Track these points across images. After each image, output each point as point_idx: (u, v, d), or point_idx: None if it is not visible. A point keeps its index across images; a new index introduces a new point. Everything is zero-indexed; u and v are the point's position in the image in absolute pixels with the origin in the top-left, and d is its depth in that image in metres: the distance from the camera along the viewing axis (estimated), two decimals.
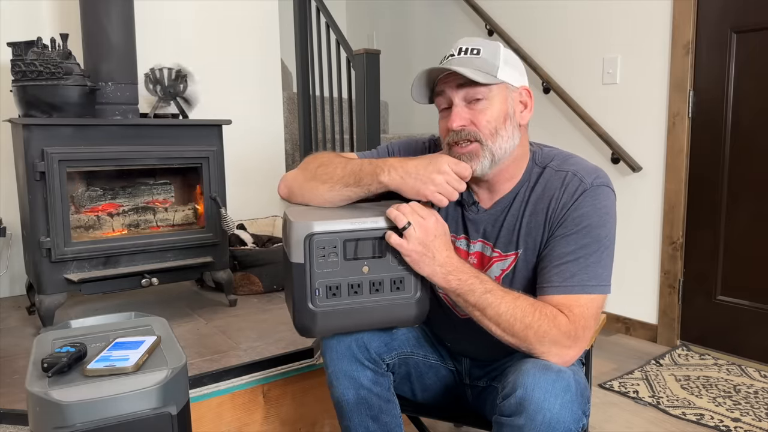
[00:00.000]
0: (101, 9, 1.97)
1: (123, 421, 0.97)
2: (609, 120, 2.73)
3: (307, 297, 1.07)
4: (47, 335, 1.19)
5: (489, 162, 1.11)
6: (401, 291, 1.09)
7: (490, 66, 1.10)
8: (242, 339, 1.85)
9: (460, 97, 1.11)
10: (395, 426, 1.25)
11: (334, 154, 1.27)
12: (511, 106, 1.12)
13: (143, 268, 1.97)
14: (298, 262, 1.06)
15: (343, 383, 1.22)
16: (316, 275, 1.07)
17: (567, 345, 1.03)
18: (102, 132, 1.91)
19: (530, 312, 1.03)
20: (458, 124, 1.10)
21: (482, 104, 1.10)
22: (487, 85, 1.09)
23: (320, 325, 1.09)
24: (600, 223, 1.09)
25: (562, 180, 1.13)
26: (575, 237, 1.08)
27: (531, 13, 3.02)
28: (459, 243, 1.23)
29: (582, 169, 1.13)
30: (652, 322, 2.66)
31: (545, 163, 1.17)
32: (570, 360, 1.04)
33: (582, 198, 1.10)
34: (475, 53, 1.11)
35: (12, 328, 1.99)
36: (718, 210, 2.46)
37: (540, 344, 1.03)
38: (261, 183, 2.97)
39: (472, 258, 1.21)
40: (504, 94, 1.12)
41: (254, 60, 2.92)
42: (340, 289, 1.08)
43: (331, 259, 1.06)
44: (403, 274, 1.09)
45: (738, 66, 2.37)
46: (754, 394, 2.09)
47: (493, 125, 1.10)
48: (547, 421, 0.95)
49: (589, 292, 1.06)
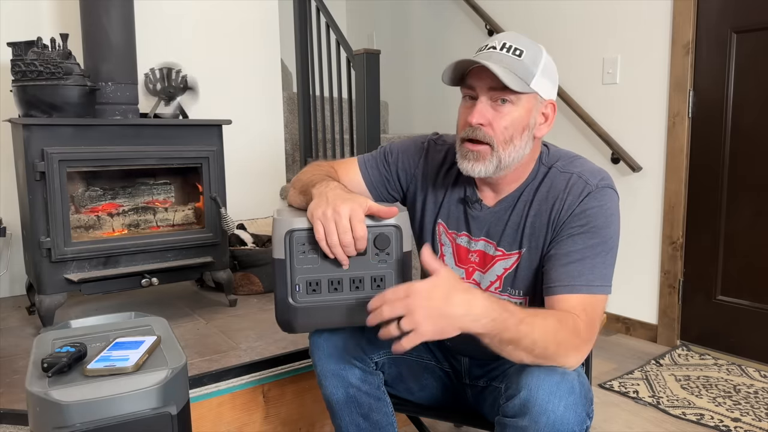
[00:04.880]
0: (101, 9, 1.97)
1: (123, 421, 0.97)
2: (609, 120, 2.73)
3: (287, 292, 1.08)
4: (47, 335, 1.18)
5: (494, 167, 1.10)
6: (382, 289, 1.08)
7: (527, 72, 1.06)
8: (242, 339, 1.85)
9: (488, 95, 1.07)
10: (387, 424, 1.26)
11: (319, 164, 1.29)
12: (533, 118, 1.10)
13: (143, 268, 1.97)
14: (279, 258, 1.07)
15: (331, 382, 1.22)
16: (297, 271, 1.07)
17: (581, 349, 1.02)
18: (102, 132, 1.91)
19: (559, 328, 0.99)
20: (477, 121, 1.07)
21: (507, 108, 1.07)
22: (517, 93, 1.06)
23: (301, 320, 1.09)
24: (605, 224, 1.09)
25: (566, 181, 1.12)
26: (581, 237, 1.08)
27: (531, 13, 3.02)
28: (460, 240, 1.23)
29: (587, 170, 1.13)
30: (652, 322, 2.66)
31: (551, 164, 1.16)
32: (579, 361, 1.04)
33: (587, 199, 1.09)
34: (518, 54, 1.07)
35: (12, 328, 1.99)
36: (718, 210, 2.46)
37: (565, 357, 1.00)
38: (261, 183, 2.97)
39: (474, 256, 1.21)
40: (531, 105, 1.09)
41: (254, 60, 2.92)
42: (320, 285, 1.08)
43: (311, 256, 1.06)
44: (383, 272, 1.09)
45: (738, 66, 2.37)
46: (754, 394, 2.09)
47: (510, 133, 1.08)
48: (551, 422, 0.94)
49: (594, 293, 1.06)
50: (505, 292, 1.19)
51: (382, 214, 1.03)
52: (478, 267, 1.21)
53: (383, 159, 1.31)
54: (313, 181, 1.14)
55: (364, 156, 1.34)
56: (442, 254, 1.25)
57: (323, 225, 1.00)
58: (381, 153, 1.32)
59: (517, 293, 1.18)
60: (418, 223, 1.29)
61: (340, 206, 1.00)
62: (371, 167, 1.31)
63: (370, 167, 1.31)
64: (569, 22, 2.86)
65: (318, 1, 2.90)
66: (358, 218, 1.00)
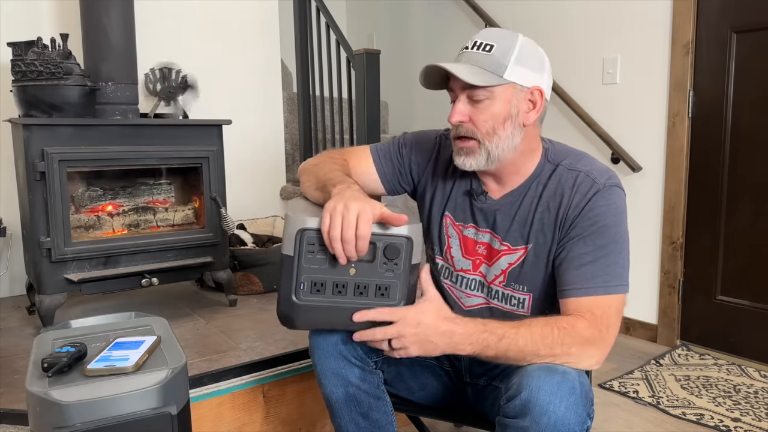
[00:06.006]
0: (101, 9, 1.97)
1: (123, 421, 0.97)
2: (609, 120, 2.73)
3: (291, 289, 1.08)
4: (47, 335, 1.19)
5: (485, 160, 1.13)
6: (386, 298, 1.09)
7: (497, 65, 1.08)
8: (242, 339, 1.85)
9: (464, 93, 1.11)
10: (386, 423, 1.26)
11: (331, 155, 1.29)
12: (514, 107, 1.11)
13: (143, 268, 1.97)
14: (287, 254, 1.08)
15: (331, 381, 1.22)
16: (303, 269, 1.07)
17: (593, 347, 1.03)
18: (102, 132, 1.91)
19: (548, 333, 1.02)
20: (456, 120, 1.12)
21: (484, 104, 1.10)
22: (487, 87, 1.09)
23: (301, 318, 1.10)
24: (615, 222, 1.10)
25: (574, 179, 1.13)
26: (592, 238, 1.09)
27: (531, 13, 3.02)
28: (467, 232, 1.24)
29: (595, 169, 1.14)
30: (652, 322, 2.66)
31: (558, 161, 1.17)
32: (599, 360, 1.04)
33: (595, 198, 1.10)
34: (487, 50, 1.09)
35: (12, 328, 1.99)
36: (718, 210, 2.46)
37: (568, 356, 1.02)
38: (261, 183, 2.97)
39: (482, 248, 1.22)
40: (509, 95, 1.10)
41: (254, 60, 2.92)
42: (325, 286, 1.08)
43: (319, 256, 1.07)
44: (389, 282, 1.08)
45: (738, 66, 2.37)
46: (754, 394, 2.09)
47: (491, 125, 1.10)
48: (552, 423, 0.95)
49: (611, 293, 1.07)
50: (509, 287, 1.20)
51: (393, 221, 1.04)
52: (484, 260, 1.22)
53: (397, 150, 1.32)
54: (332, 180, 1.15)
55: (377, 145, 1.34)
56: (449, 246, 1.27)
57: (331, 217, 1.02)
58: (396, 144, 1.33)
59: (521, 289, 1.19)
60: (426, 216, 1.32)
61: (352, 203, 1.02)
62: (384, 158, 1.32)
63: (384, 158, 1.32)
64: (569, 22, 2.86)
65: (318, 1, 2.90)
66: (366, 218, 1.01)
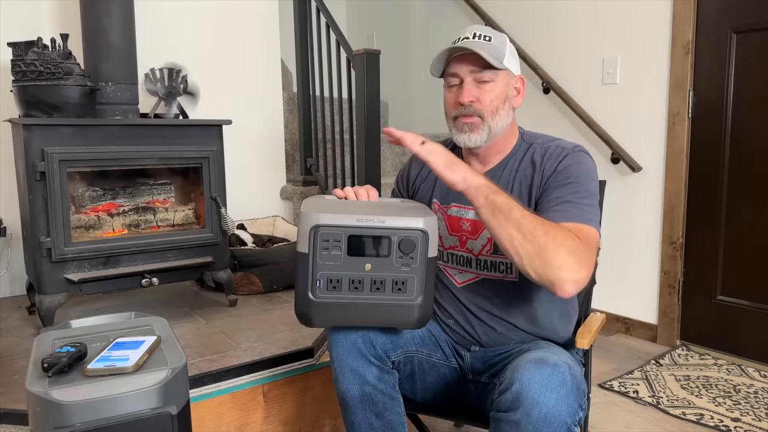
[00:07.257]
0: (101, 9, 1.97)
1: (123, 421, 0.97)
2: (609, 120, 2.73)
3: (308, 287, 1.09)
4: (47, 335, 1.19)
5: (486, 135, 1.25)
6: (403, 293, 1.09)
7: (499, 53, 1.24)
8: (242, 339, 1.85)
9: (471, 77, 1.24)
10: (399, 424, 1.26)
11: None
12: (510, 91, 1.28)
13: (143, 268, 1.98)
14: (302, 252, 1.08)
15: (348, 378, 1.23)
16: (319, 266, 1.08)
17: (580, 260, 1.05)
18: (102, 132, 1.91)
19: (551, 225, 1.08)
20: (468, 99, 1.24)
21: (489, 86, 1.24)
22: (496, 69, 1.23)
23: (318, 315, 1.11)
24: (587, 179, 1.20)
25: (545, 150, 1.27)
26: (567, 187, 1.18)
27: (531, 14, 3.02)
28: (450, 211, 1.34)
29: (564, 142, 1.28)
30: (652, 322, 2.66)
31: (532, 141, 1.31)
32: (581, 282, 1.05)
33: (566, 159, 1.22)
34: (488, 40, 1.25)
35: (12, 328, 1.99)
36: (718, 210, 2.46)
37: (557, 253, 1.04)
38: (261, 183, 2.97)
39: (467, 224, 1.31)
40: (506, 80, 1.27)
41: (254, 60, 2.92)
42: (341, 282, 1.08)
43: (335, 253, 1.07)
44: (406, 276, 1.09)
45: (738, 66, 2.37)
46: (754, 394, 2.09)
47: (495, 105, 1.25)
48: (543, 415, 0.96)
49: (589, 225, 1.13)
50: (497, 253, 1.27)
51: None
52: (470, 235, 1.31)
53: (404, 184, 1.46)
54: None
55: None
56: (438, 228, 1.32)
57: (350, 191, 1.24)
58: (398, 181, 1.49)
59: None
60: None
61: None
62: None
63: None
64: (569, 22, 2.86)
65: (318, 1, 2.90)
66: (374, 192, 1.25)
